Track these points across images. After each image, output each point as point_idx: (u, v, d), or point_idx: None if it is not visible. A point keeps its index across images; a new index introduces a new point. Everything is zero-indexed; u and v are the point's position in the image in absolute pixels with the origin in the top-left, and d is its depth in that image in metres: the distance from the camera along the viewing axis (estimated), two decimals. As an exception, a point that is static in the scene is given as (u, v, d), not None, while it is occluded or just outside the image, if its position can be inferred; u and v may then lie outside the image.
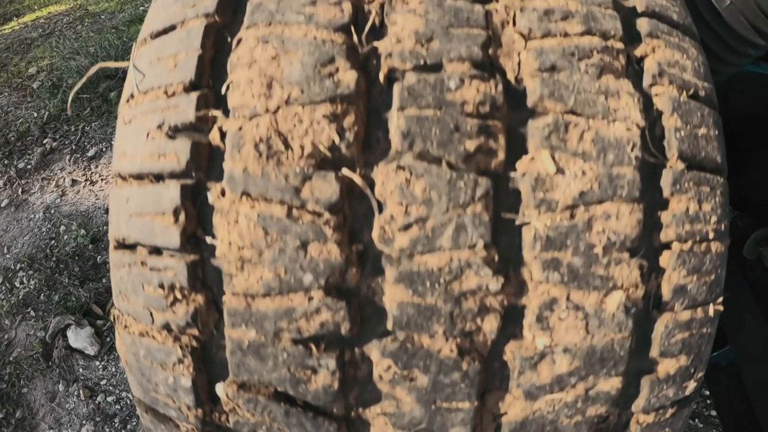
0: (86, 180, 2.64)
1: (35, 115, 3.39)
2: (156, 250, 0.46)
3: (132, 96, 0.50)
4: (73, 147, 2.94)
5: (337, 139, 0.42)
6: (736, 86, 0.94)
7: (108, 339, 1.96)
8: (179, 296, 0.45)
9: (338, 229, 0.42)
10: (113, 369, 1.91)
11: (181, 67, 0.46)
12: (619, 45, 0.46)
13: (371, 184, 0.43)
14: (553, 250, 0.44)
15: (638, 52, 0.48)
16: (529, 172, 0.44)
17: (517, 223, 0.44)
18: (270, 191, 0.42)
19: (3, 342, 2.06)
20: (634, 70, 0.47)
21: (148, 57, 0.50)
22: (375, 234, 0.43)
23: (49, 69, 4.18)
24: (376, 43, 0.44)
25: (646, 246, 0.46)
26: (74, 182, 2.65)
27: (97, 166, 2.73)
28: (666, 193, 0.46)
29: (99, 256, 2.16)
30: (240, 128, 0.43)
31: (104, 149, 2.87)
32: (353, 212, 0.43)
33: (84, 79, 0.66)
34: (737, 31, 0.63)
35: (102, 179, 2.62)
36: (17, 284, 2.21)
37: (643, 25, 0.49)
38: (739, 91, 0.98)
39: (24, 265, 2.26)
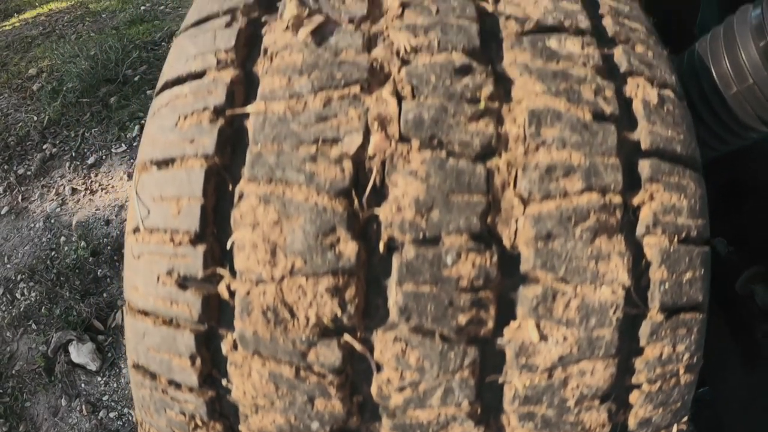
0: (86, 189, 2.64)
1: (35, 118, 3.39)
2: (175, 383, 0.49)
3: (138, 230, 0.51)
4: (73, 154, 2.94)
5: (339, 312, 0.45)
6: None
7: (109, 354, 1.97)
8: (200, 423, 0.49)
9: (341, 387, 0.46)
10: (115, 385, 1.92)
11: (185, 215, 0.48)
12: (618, 199, 0.47)
13: (371, 348, 0.46)
14: (529, 405, 0.47)
15: (636, 200, 0.49)
16: (514, 339, 0.46)
17: (500, 381, 0.47)
18: (279, 353, 0.46)
19: (5, 354, 2.07)
20: (629, 220, 0.48)
21: (150, 191, 0.51)
22: (373, 391, 0.47)
23: (49, 70, 4.17)
24: (376, 210, 0.46)
25: (617, 390, 0.49)
26: (74, 191, 2.65)
27: (96, 175, 2.73)
28: (642, 342, 0.49)
29: (99, 270, 2.17)
30: (248, 293, 0.45)
31: (104, 156, 2.87)
32: (355, 370, 0.47)
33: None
34: (741, 118, 0.63)
35: (102, 188, 2.62)
36: (18, 296, 2.22)
37: (644, 168, 0.49)
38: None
39: (25, 276, 2.27)
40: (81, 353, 1.95)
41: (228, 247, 0.47)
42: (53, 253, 2.32)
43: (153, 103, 0.55)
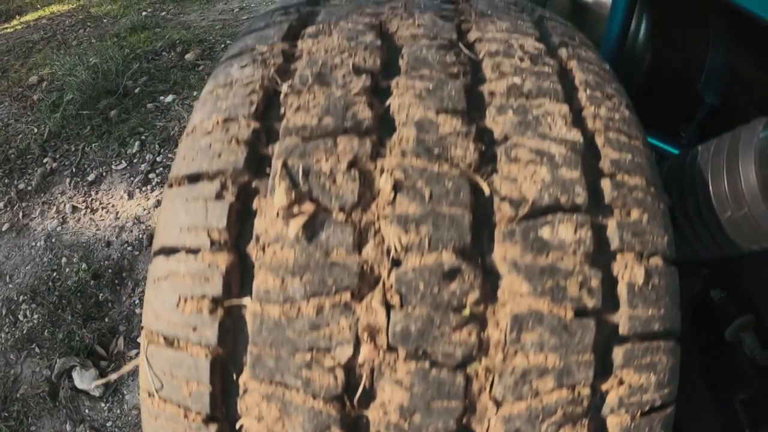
0: (87, 207, 2.65)
1: (35, 130, 3.40)
2: None
3: (151, 395, 0.55)
4: (74, 169, 2.95)
5: None
6: None
7: (113, 380, 1.98)
8: None
9: None
10: (118, 411, 1.94)
11: (196, 398, 0.51)
12: (586, 391, 0.50)
13: None
14: None
15: (605, 386, 0.51)
16: None
17: None
18: None
19: (9, 378, 2.08)
20: (595, 404, 0.50)
21: (160, 364, 0.55)
22: None
23: (50, 79, 4.18)
24: (365, 412, 0.49)
25: None
26: (75, 209, 2.66)
27: (97, 192, 2.74)
28: None
29: (101, 294, 2.18)
30: None
31: (104, 173, 2.88)
32: None
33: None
34: (734, 240, 0.63)
35: (102, 207, 2.63)
36: (21, 317, 2.23)
37: (618, 355, 0.51)
38: None
39: (27, 297, 2.28)
40: (84, 379, 1.97)
41: (237, 427, 0.51)
42: (54, 274, 2.33)
43: (152, 268, 0.58)
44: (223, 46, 4.42)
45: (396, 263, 0.49)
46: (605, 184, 0.54)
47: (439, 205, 0.50)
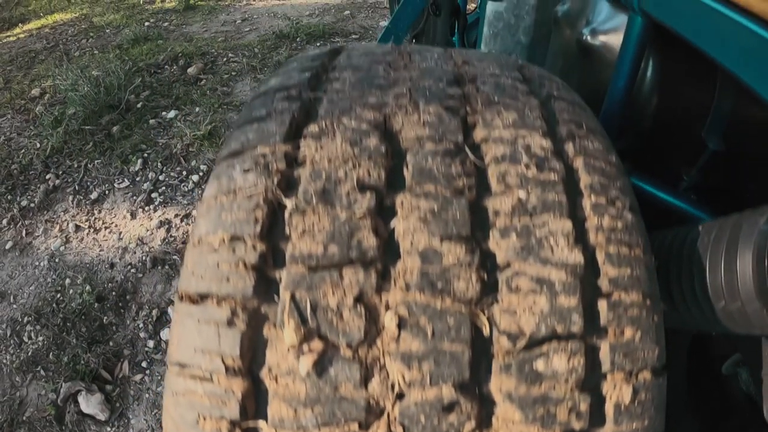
0: (90, 227, 2.67)
1: (38, 145, 3.42)
2: None
3: None
4: (76, 187, 2.96)
5: None
6: None
7: (118, 405, 2.00)
8: None
9: None
10: (124, 435, 1.95)
11: None
12: None
13: None
14: None
15: None
16: None
17: None
18: None
19: (15, 400, 2.10)
20: None
21: None
22: None
23: (52, 92, 4.19)
24: None
25: None
26: (78, 228, 2.68)
27: (100, 211, 2.76)
28: None
29: (105, 317, 2.20)
30: None
31: (107, 191, 2.89)
32: None
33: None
34: (727, 326, 0.64)
35: (105, 227, 2.65)
36: (26, 339, 2.25)
37: None
38: None
39: (31, 319, 2.30)
40: (90, 404, 1.98)
41: None
42: (59, 295, 2.35)
43: (169, 378, 0.59)
44: (224, 59, 4.43)
45: (399, 397, 0.52)
46: (602, 305, 0.56)
47: (441, 342, 0.52)
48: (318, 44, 4.73)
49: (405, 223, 0.56)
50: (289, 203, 0.57)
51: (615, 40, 1.06)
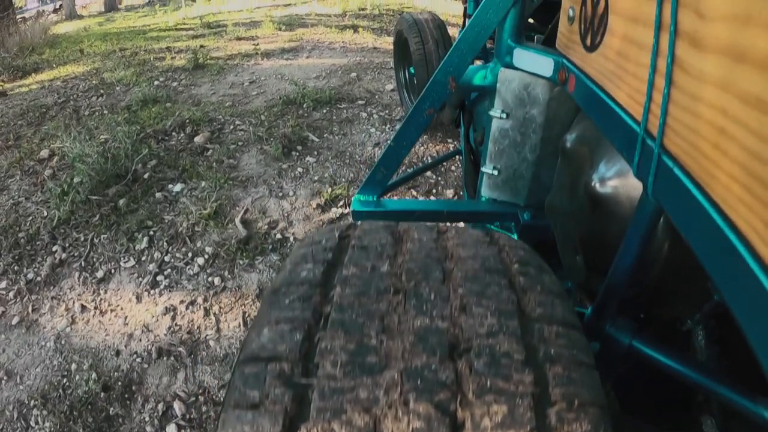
0: (95, 308, 2.71)
1: (45, 213, 3.48)
2: None
3: None
4: (83, 263, 3.02)
5: None
6: None
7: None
8: None
9: None
10: None
11: None
12: None
13: None
14: None
15: None
16: None
17: None
18: None
19: (18, 489, 2.12)
20: None
21: None
22: None
23: (61, 154, 4.26)
24: None
25: None
26: (84, 308, 2.72)
27: (106, 292, 2.81)
28: None
29: (111, 408, 2.23)
30: None
31: (113, 270, 2.95)
32: None
33: None
34: None
35: (111, 309, 2.69)
36: (32, 423, 2.28)
37: None
38: None
39: (38, 403, 2.33)
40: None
41: None
42: (65, 380, 2.38)
43: None
44: (231, 127, 4.52)
45: None
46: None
47: None
48: (324, 110, 4.83)
49: None
50: None
51: (624, 192, 1.09)
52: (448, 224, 1.05)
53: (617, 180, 1.12)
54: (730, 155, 0.64)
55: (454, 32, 8.62)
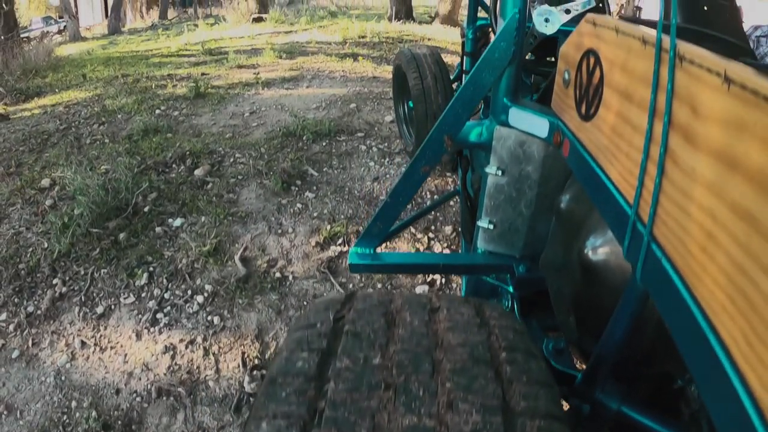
0: (95, 345, 2.75)
1: (45, 245, 3.51)
2: None
3: None
4: (82, 297, 3.05)
5: None
6: None
7: None
8: None
9: None
10: None
11: None
12: None
13: None
14: None
15: None
16: None
17: None
18: None
19: None
20: None
21: None
22: None
23: (62, 184, 4.30)
24: None
25: None
26: (84, 344, 2.76)
27: (106, 328, 2.84)
28: None
29: (110, 449, 2.26)
30: None
31: (113, 306, 2.98)
32: None
33: None
34: None
35: (111, 347, 2.72)
36: (32, 462, 2.30)
37: None
38: None
39: (37, 441, 2.35)
40: None
41: None
42: (65, 417, 2.41)
43: None
44: (231, 160, 4.57)
45: None
46: None
47: None
48: (324, 143, 4.89)
49: None
50: None
51: (616, 263, 1.10)
52: (441, 301, 1.09)
53: (609, 249, 1.13)
54: (717, 262, 0.64)
55: (453, 59, 8.72)
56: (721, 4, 1.91)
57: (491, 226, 1.78)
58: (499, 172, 1.67)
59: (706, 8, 1.86)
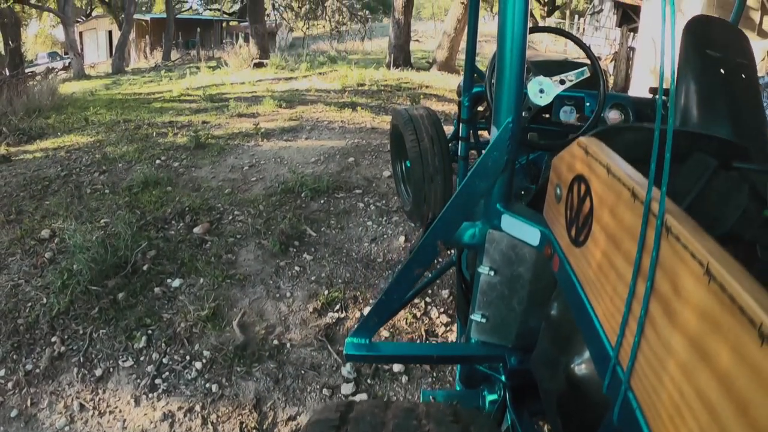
0: (94, 408, 2.78)
1: (44, 301, 3.55)
2: None
3: None
4: (81, 358, 3.08)
5: None
6: None
7: None
8: None
9: None
10: None
11: None
12: None
13: None
14: None
15: None
16: None
17: None
18: None
19: None
20: None
21: None
22: None
23: (61, 237, 4.35)
24: None
25: None
26: (82, 407, 2.78)
27: (104, 391, 2.87)
28: None
29: None
30: None
31: (111, 369, 3.02)
32: None
33: None
34: None
35: (109, 411, 2.76)
36: None
37: None
38: None
39: None
40: None
41: None
42: (61, 485, 2.44)
43: None
44: (230, 217, 4.64)
45: None
46: None
47: None
48: (322, 201, 4.98)
49: None
50: None
51: (600, 383, 1.08)
52: (429, 420, 1.14)
53: (593, 369, 1.13)
54: None
55: (451, 107, 8.86)
56: (739, 62, 1.89)
57: (484, 320, 1.83)
58: (492, 272, 1.73)
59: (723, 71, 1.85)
